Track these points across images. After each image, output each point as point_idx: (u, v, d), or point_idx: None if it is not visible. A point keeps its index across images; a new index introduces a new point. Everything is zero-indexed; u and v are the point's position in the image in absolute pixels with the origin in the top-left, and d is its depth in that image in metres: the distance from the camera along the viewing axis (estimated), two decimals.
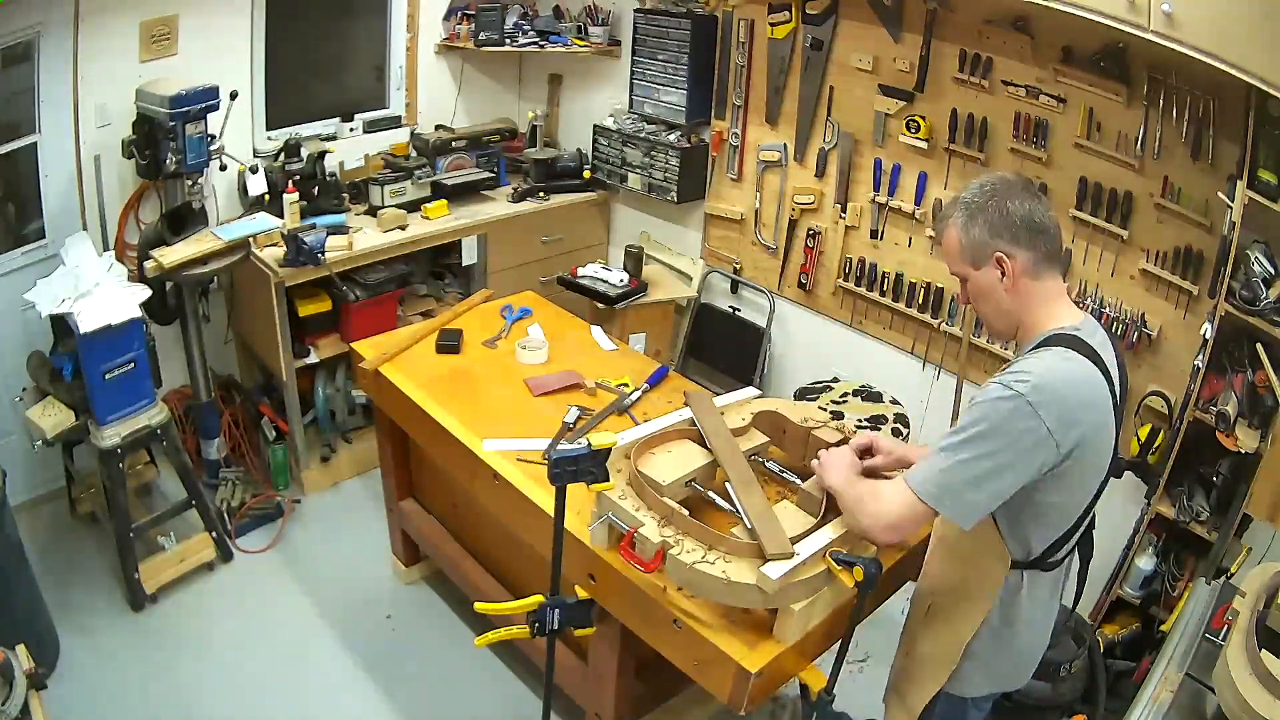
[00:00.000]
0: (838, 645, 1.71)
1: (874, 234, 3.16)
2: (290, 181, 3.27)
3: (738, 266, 3.66)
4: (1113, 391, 1.49)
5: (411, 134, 3.82)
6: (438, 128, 3.86)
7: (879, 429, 2.66)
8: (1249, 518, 2.31)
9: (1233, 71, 2.01)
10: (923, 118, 2.88)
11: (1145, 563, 2.56)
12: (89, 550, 3.09)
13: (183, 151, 2.81)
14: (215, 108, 2.86)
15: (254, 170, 3.24)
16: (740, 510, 1.78)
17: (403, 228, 3.44)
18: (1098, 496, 1.56)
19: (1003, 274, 1.52)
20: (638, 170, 3.75)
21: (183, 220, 2.96)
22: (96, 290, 2.56)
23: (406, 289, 3.64)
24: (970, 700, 1.77)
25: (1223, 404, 2.27)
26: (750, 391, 2.35)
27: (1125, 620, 2.66)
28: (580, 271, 3.59)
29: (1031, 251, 1.50)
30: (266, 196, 3.27)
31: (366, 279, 3.32)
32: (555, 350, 2.69)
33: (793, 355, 3.64)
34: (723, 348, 3.77)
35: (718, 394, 2.35)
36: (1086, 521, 1.60)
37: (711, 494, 1.92)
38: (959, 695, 1.74)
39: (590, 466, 1.66)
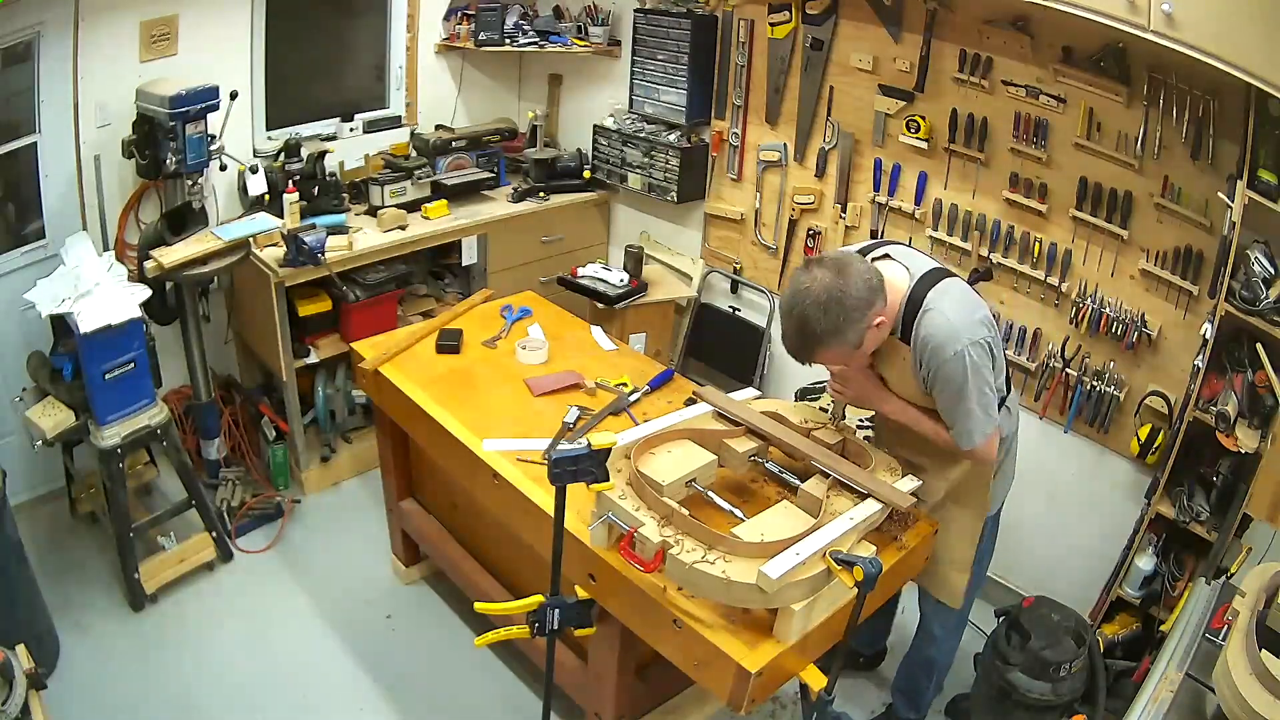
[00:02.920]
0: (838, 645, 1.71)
1: (874, 234, 3.16)
2: (290, 181, 3.27)
3: (738, 266, 3.66)
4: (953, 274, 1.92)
5: (411, 134, 3.82)
6: (438, 128, 3.87)
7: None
8: (1249, 518, 2.31)
9: (1233, 71, 2.01)
10: (923, 118, 2.88)
11: (1145, 563, 2.56)
12: (89, 550, 3.09)
13: (183, 151, 2.82)
14: (215, 108, 2.86)
15: (254, 170, 3.24)
16: (844, 478, 1.91)
17: (403, 228, 3.44)
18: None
19: (879, 327, 1.83)
20: (638, 170, 3.75)
21: (183, 220, 2.96)
22: (96, 290, 2.56)
23: (406, 289, 3.64)
24: (994, 515, 2.25)
25: (1223, 404, 2.27)
26: (750, 392, 2.35)
27: (1125, 620, 2.66)
28: (580, 271, 3.59)
29: (882, 294, 1.81)
30: (266, 196, 3.27)
31: (366, 279, 3.32)
32: (555, 350, 2.69)
33: (791, 362, 3.62)
34: (723, 348, 3.77)
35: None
36: None
37: (711, 494, 1.92)
38: (993, 514, 2.23)
39: (590, 466, 1.66)
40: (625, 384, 2.52)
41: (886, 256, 1.95)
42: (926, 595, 2.35)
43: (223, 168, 3.12)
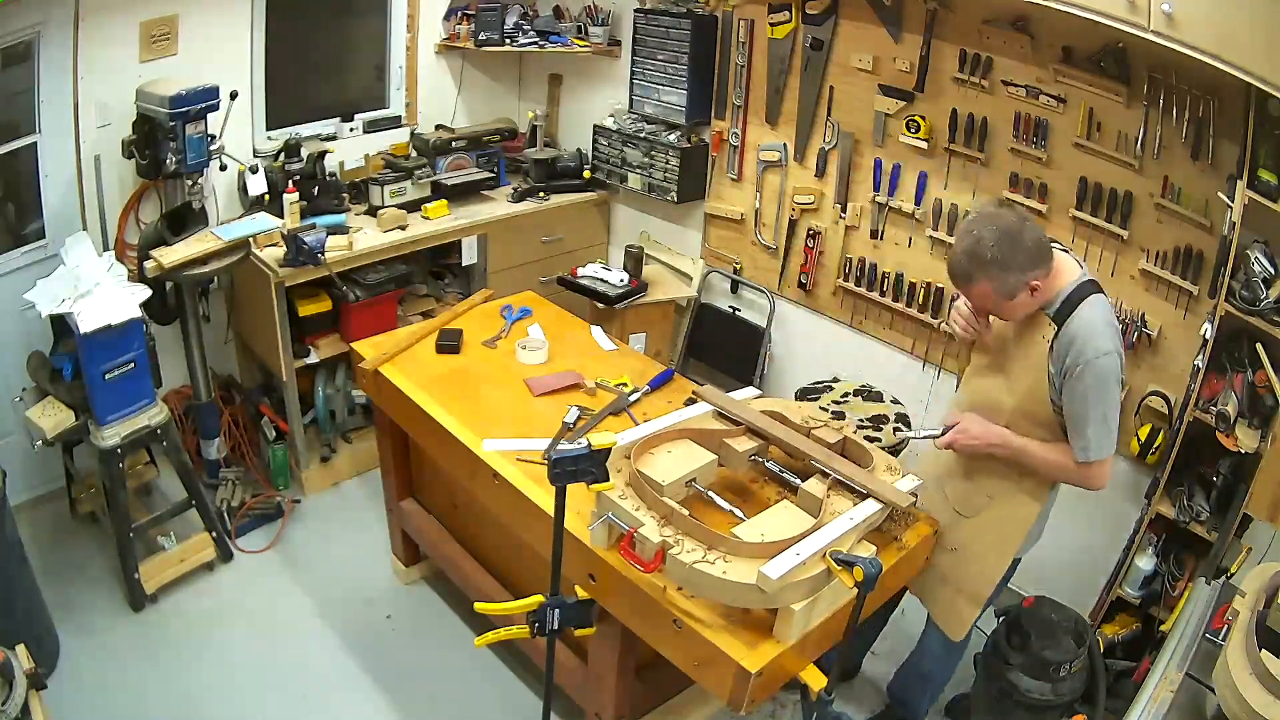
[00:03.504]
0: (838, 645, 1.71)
1: (874, 234, 3.16)
2: (290, 181, 3.27)
3: (738, 266, 3.66)
4: None
5: (411, 134, 3.82)
6: (438, 128, 3.87)
7: (880, 429, 2.66)
8: (1249, 518, 2.31)
9: (1233, 71, 2.01)
10: (923, 118, 2.88)
11: (1145, 563, 2.56)
12: (89, 550, 3.09)
13: (183, 151, 2.82)
14: (215, 108, 2.86)
15: (254, 170, 3.24)
16: (844, 478, 1.92)
17: (403, 228, 3.44)
18: None
19: (1033, 292, 1.83)
20: (638, 170, 3.75)
21: (183, 220, 2.96)
22: (96, 290, 2.56)
23: (406, 289, 3.63)
24: (1018, 560, 2.18)
25: (1223, 404, 2.27)
26: (750, 391, 2.35)
27: (1125, 620, 2.66)
28: (580, 271, 3.59)
29: (1048, 263, 1.83)
30: (266, 196, 3.27)
31: (366, 279, 3.32)
32: (555, 350, 2.69)
33: (793, 355, 3.64)
34: (723, 348, 3.77)
35: None
36: None
37: (711, 494, 1.92)
38: (1019, 556, 2.16)
39: (590, 466, 1.66)
40: (625, 384, 2.52)
41: (1062, 248, 1.97)
42: None
43: (223, 168, 3.12)
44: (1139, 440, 2.59)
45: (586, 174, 3.93)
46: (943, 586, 2.22)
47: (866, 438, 2.41)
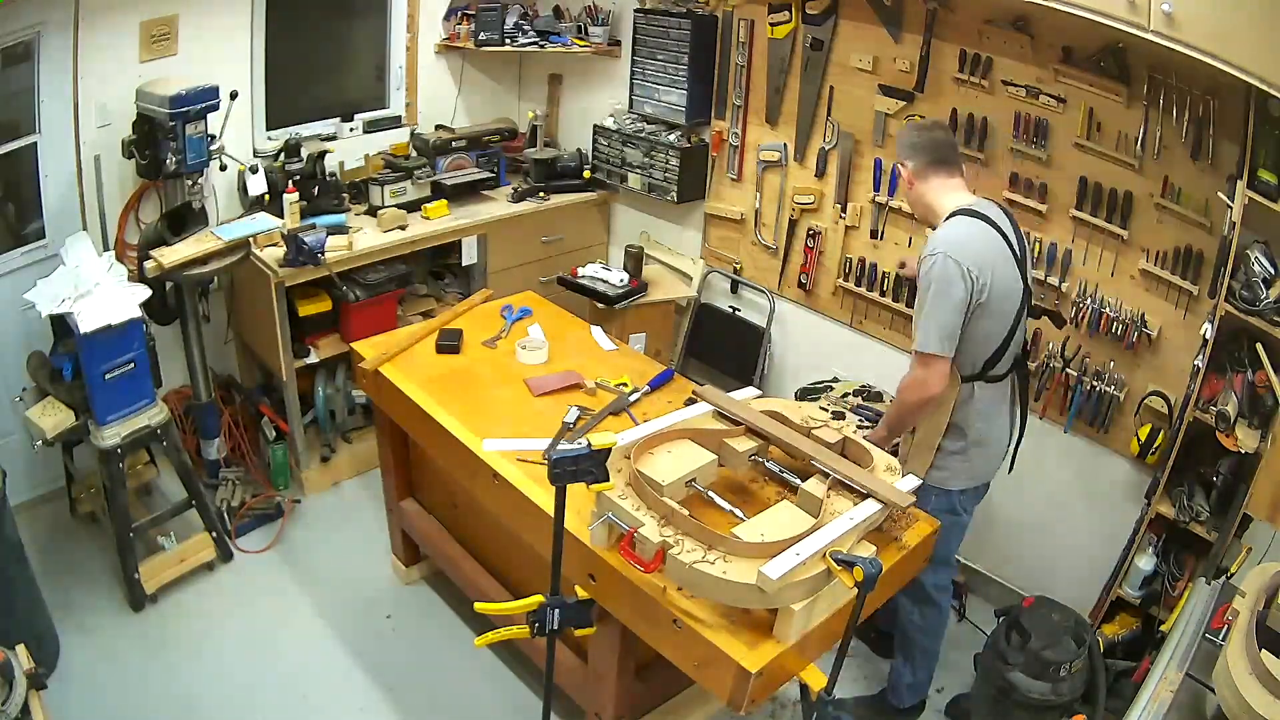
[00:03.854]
0: (838, 645, 1.71)
1: (874, 234, 3.16)
2: (290, 181, 3.27)
3: (738, 266, 3.66)
4: (1010, 246, 2.10)
5: (411, 134, 3.82)
6: (438, 128, 3.86)
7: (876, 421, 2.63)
8: (1249, 518, 2.31)
9: (1233, 71, 2.01)
10: (922, 118, 2.88)
11: (1145, 563, 2.56)
12: (89, 550, 3.09)
13: (183, 151, 2.82)
14: (215, 108, 2.86)
15: (254, 170, 3.24)
16: (844, 478, 1.94)
17: (403, 228, 3.44)
18: (1015, 327, 2.14)
19: (909, 183, 2.21)
20: (638, 170, 3.75)
21: (183, 220, 2.96)
22: (96, 290, 2.56)
23: (406, 289, 3.63)
24: (955, 494, 2.28)
25: (1223, 404, 2.27)
26: (750, 391, 2.35)
27: (1125, 620, 2.66)
28: (580, 271, 3.59)
29: (922, 163, 2.16)
30: (266, 196, 3.27)
31: (366, 279, 3.32)
32: (555, 350, 2.69)
33: (793, 355, 3.64)
34: (723, 348, 3.77)
35: None
36: (1016, 347, 2.20)
37: (711, 494, 1.92)
38: (944, 489, 2.27)
39: (590, 466, 1.66)
40: (625, 384, 2.52)
41: (989, 201, 2.21)
42: None
43: (223, 168, 3.12)
44: (1139, 440, 2.59)
45: (586, 174, 3.93)
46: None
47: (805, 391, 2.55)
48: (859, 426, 2.16)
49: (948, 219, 2.12)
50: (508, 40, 3.87)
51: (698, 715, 2.47)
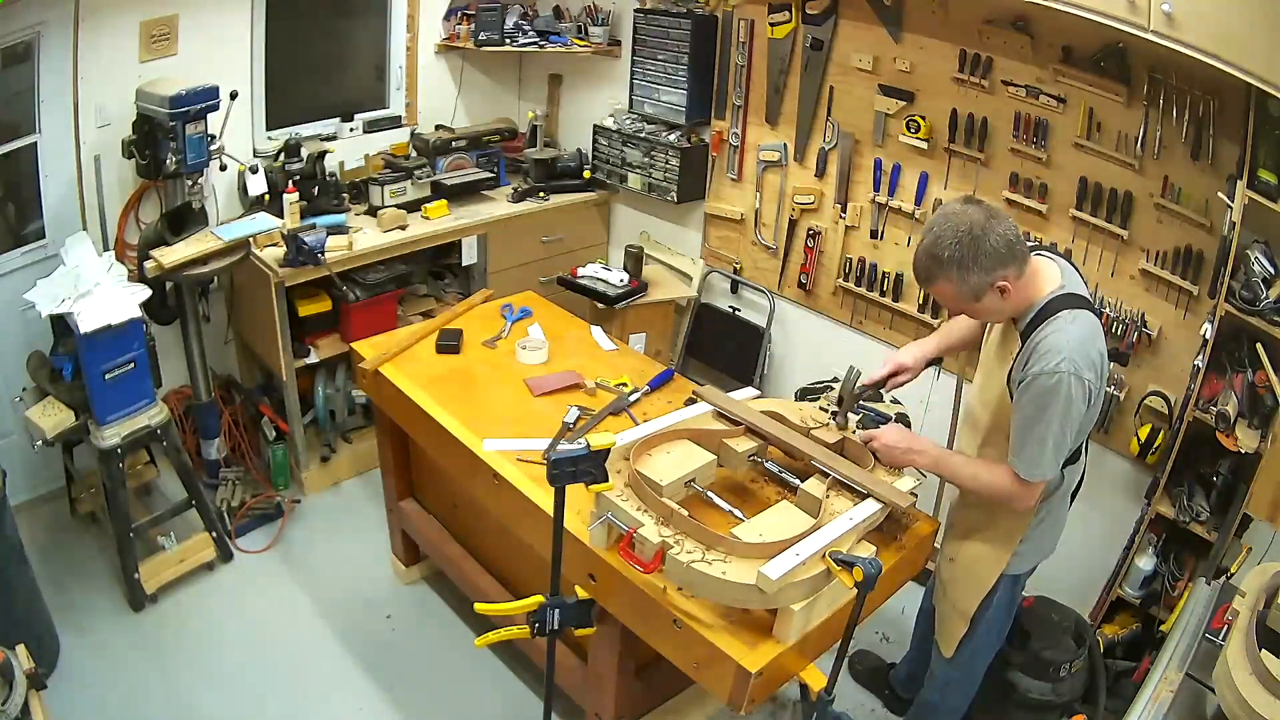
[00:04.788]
0: (838, 645, 1.71)
1: (874, 234, 3.16)
2: (290, 181, 3.27)
3: (738, 266, 3.66)
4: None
5: (411, 134, 3.82)
6: (438, 128, 3.86)
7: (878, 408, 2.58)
8: (1249, 518, 2.31)
9: (1233, 71, 2.01)
10: (923, 118, 2.88)
11: (1145, 563, 2.56)
12: (89, 550, 3.09)
13: (183, 151, 2.81)
14: (215, 108, 2.86)
15: (254, 170, 3.24)
16: (844, 478, 1.94)
17: (403, 228, 3.44)
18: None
19: (1003, 294, 1.76)
20: (638, 170, 3.75)
21: (183, 220, 2.96)
22: (96, 290, 2.56)
23: (406, 289, 3.64)
24: (1023, 575, 2.13)
25: (1223, 404, 2.27)
26: (750, 391, 2.35)
27: (1125, 620, 2.66)
28: (580, 271, 3.59)
29: (1019, 264, 1.75)
30: (266, 196, 3.27)
31: (366, 279, 3.32)
32: (555, 350, 2.69)
33: (793, 355, 3.64)
34: (723, 348, 3.77)
35: None
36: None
37: (711, 494, 1.92)
38: (1011, 574, 2.09)
39: (589, 467, 1.66)
40: (625, 384, 2.52)
41: (1053, 256, 1.89)
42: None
43: (223, 168, 3.11)
44: (1139, 440, 2.59)
45: (586, 174, 3.93)
46: (943, 600, 2.21)
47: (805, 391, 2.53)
48: (859, 426, 2.16)
49: (1051, 307, 1.78)
50: (508, 40, 3.87)
51: (698, 715, 2.47)
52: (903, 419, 2.73)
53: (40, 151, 2.93)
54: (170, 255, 2.81)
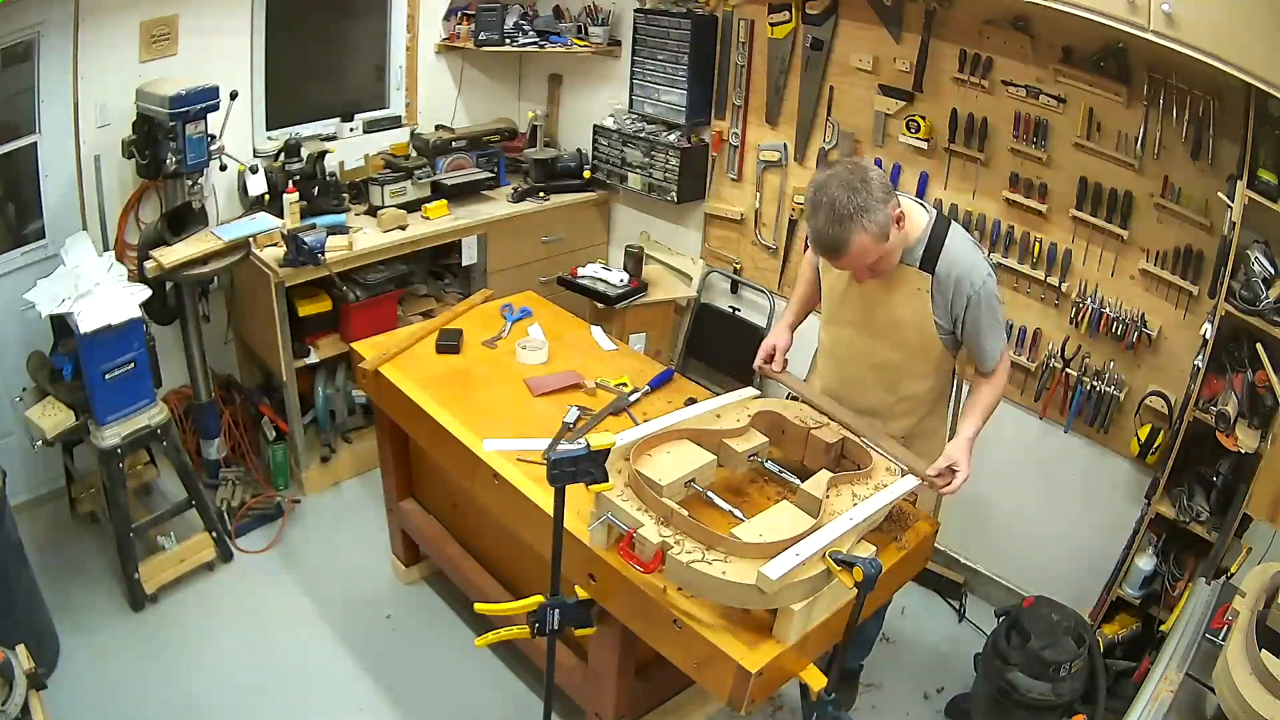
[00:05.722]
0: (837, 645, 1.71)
1: None
2: (290, 181, 3.27)
3: (738, 266, 3.66)
4: None
5: (411, 134, 3.81)
6: (438, 128, 3.86)
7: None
8: (1249, 518, 2.31)
9: (1233, 71, 2.01)
10: (923, 118, 2.88)
11: (1145, 563, 2.56)
12: (89, 550, 3.09)
13: (183, 151, 2.81)
14: (215, 108, 2.86)
15: (254, 170, 3.24)
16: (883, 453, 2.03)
17: (403, 228, 3.44)
18: None
19: (898, 223, 1.89)
20: (638, 170, 3.75)
21: (183, 220, 2.96)
22: (96, 290, 2.57)
23: (406, 289, 3.63)
24: None
25: (1223, 404, 2.26)
26: (750, 391, 2.35)
27: (1125, 620, 2.66)
28: (580, 271, 3.59)
29: (894, 193, 1.87)
30: (266, 196, 3.27)
31: (366, 279, 3.32)
32: (555, 350, 2.69)
33: (793, 355, 3.61)
34: (723, 348, 3.77)
35: (717, 394, 2.35)
36: None
37: (711, 494, 1.92)
38: None
39: (589, 467, 1.66)
40: (625, 384, 2.52)
41: (906, 197, 2.04)
42: None
43: (223, 168, 3.11)
44: (1139, 440, 2.59)
45: (586, 174, 3.93)
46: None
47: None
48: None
49: (935, 234, 1.98)
50: (508, 40, 3.87)
51: (698, 715, 2.47)
52: None
53: (40, 151, 2.93)
54: (170, 255, 2.81)
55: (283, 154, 3.34)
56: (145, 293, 2.66)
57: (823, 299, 2.25)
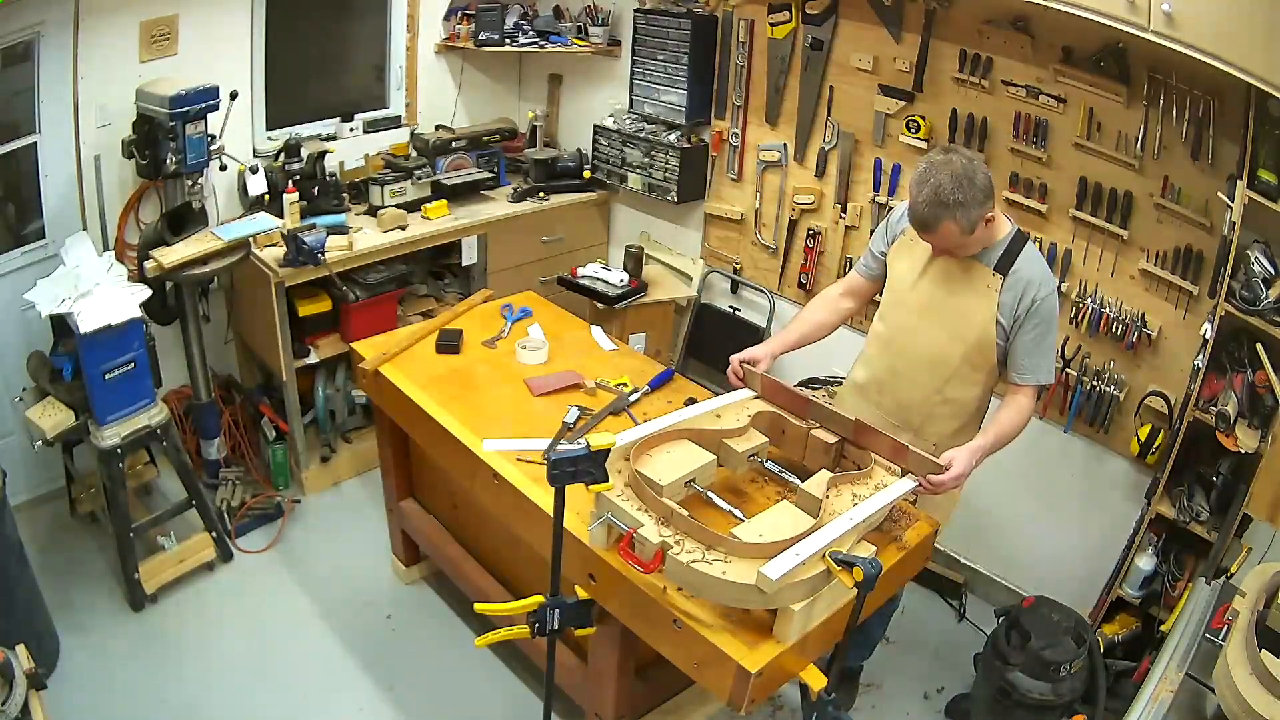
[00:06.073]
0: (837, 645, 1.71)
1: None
2: (290, 181, 3.27)
3: (738, 266, 3.66)
4: None
5: (411, 134, 3.81)
6: (438, 128, 3.86)
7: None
8: (1249, 518, 2.31)
9: (1233, 71, 2.01)
10: (923, 118, 2.88)
11: (1145, 563, 2.56)
12: (89, 550, 3.09)
13: (183, 151, 2.82)
14: (215, 108, 2.86)
15: (254, 170, 3.24)
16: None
17: (403, 228, 3.44)
18: None
19: (988, 224, 2.00)
20: (638, 170, 3.75)
21: (183, 220, 2.96)
22: (96, 290, 2.56)
23: (406, 289, 3.63)
24: None
25: (1223, 404, 2.27)
26: (748, 391, 2.35)
27: (1125, 620, 2.66)
28: (580, 271, 3.59)
29: (994, 197, 1.98)
30: (266, 196, 3.27)
31: (366, 279, 3.32)
32: (555, 350, 2.69)
33: (792, 355, 3.59)
34: (723, 348, 3.73)
35: (717, 394, 2.35)
36: None
37: (711, 494, 1.92)
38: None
39: (589, 467, 1.66)
40: (625, 384, 2.52)
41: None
42: None
43: (223, 168, 3.11)
44: (1139, 440, 2.59)
45: (586, 174, 3.93)
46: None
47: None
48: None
49: (1015, 243, 2.06)
50: (508, 40, 3.87)
51: (698, 715, 2.47)
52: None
53: (40, 151, 2.93)
54: (170, 255, 2.81)
55: (283, 154, 3.34)
56: (145, 293, 2.66)
57: (887, 287, 2.29)
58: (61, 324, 2.65)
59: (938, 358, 2.18)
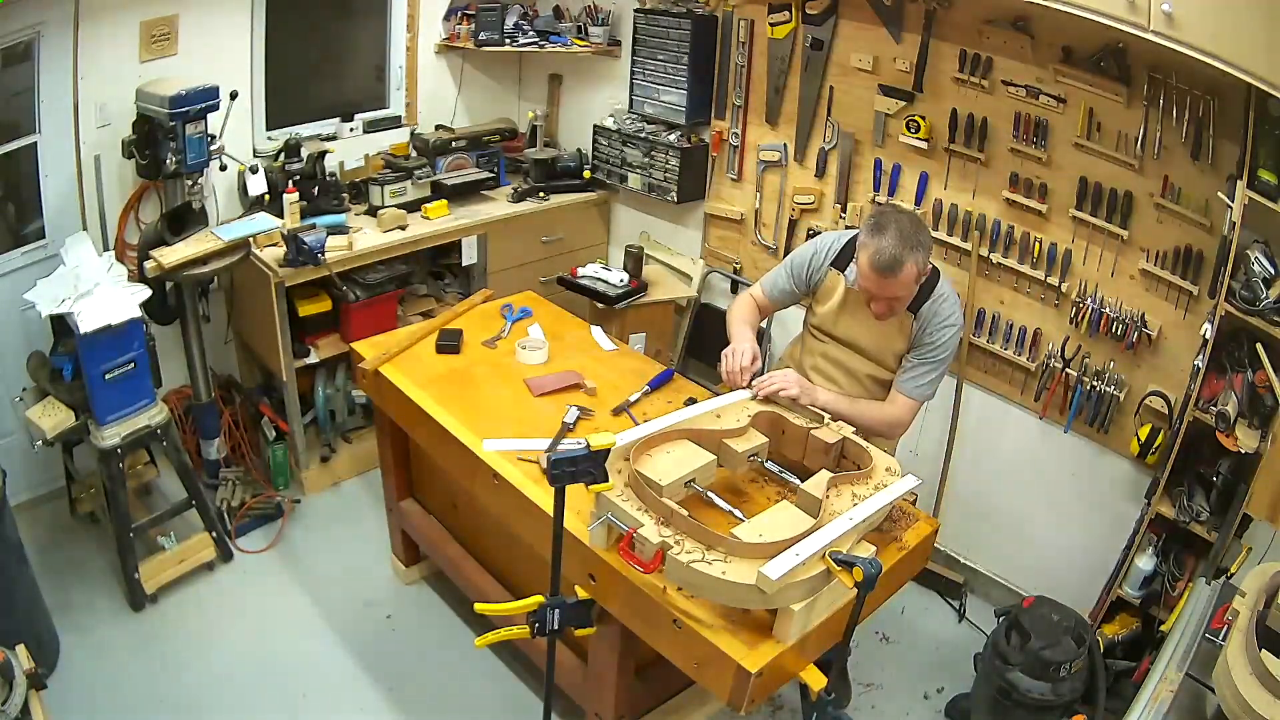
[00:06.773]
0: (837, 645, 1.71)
1: None
2: (290, 181, 3.27)
3: (738, 266, 3.66)
4: None
5: (411, 134, 3.82)
6: (438, 128, 3.86)
7: None
8: (1249, 518, 2.31)
9: (1233, 71, 2.01)
10: (923, 118, 2.88)
11: (1145, 563, 2.56)
12: (89, 550, 3.09)
13: (183, 151, 2.81)
14: (215, 108, 2.86)
15: (254, 170, 3.24)
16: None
17: (403, 228, 3.44)
18: None
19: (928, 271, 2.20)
20: (638, 170, 3.75)
21: (183, 220, 2.96)
22: (96, 290, 2.56)
23: (406, 289, 3.64)
24: None
25: (1223, 404, 2.26)
26: (747, 392, 2.35)
27: (1125, 620, 2.66)
28: (580, 271, 3.59)
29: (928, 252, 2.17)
30: (266, 196, 3.27)
31: (366, 279, 3.32)
32: (555, 350, 2.69)
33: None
34: (723, 348, 3.74)
35: (717, 394, 2.35)
36: None
37: (711, 494, 1.92)
38: None
39: (589, 467, 1.66)
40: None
41: None
42: None
43: (223, 168, 3.11)
44: (1139, 440, 2.59)
45: (586, 174, 3.93)
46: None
47: None
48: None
49: (931, 285, 2.25)
50: (508, 40, 3.87)
51: (698, 715, 2.47)
52: None
53: (40, 151, 2.93)
54: (170, 255, 2.81)
55: (283, 154, 3.34)
56: (145, 293, 2.66)
57: (814, 326, 2.49)
58: (61, 324, 2.65)
59: (845, 368, 2.42)
